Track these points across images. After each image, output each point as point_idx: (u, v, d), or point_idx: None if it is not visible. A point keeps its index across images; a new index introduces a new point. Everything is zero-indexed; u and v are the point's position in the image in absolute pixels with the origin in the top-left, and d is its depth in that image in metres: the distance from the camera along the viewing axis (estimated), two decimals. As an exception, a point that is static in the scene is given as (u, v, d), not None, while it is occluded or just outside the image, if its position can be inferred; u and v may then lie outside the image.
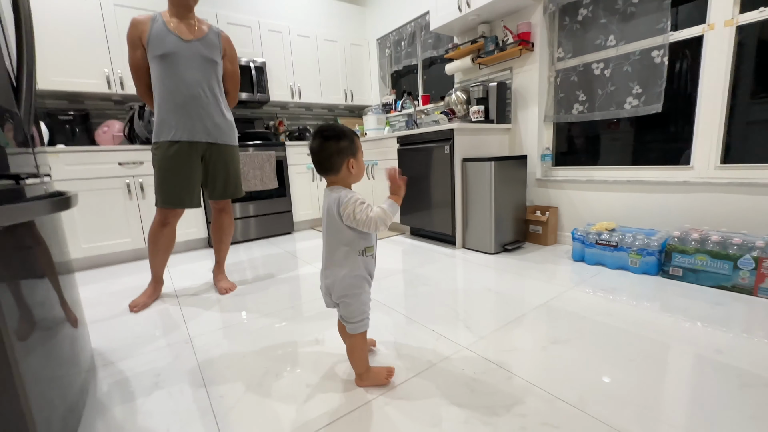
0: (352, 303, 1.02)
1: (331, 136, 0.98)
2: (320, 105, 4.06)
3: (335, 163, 0.99)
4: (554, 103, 2.55)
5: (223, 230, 1.97)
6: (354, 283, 1.01)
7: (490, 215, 2.32)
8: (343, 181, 1.03)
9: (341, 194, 0.98)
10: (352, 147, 1.00)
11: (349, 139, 1.00)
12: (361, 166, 1.03)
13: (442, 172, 2.52)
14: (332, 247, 1.02)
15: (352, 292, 1.02)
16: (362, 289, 1.03)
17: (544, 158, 2.59)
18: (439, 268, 2.14)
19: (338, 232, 1.01)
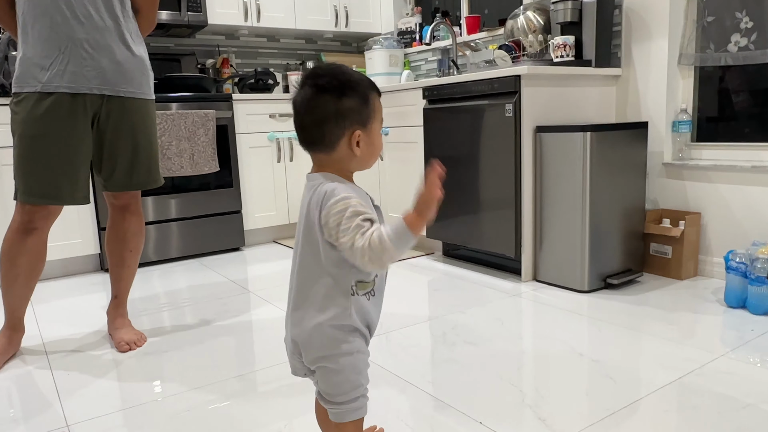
0: (336, 370, 1.01)
1: (330, 85, 0.96)
2: (292, 32, 4.10)
3: (329, 132, 0.97)
4: (697, 33, 2.53)
5: (126, 242, 1.98)
6: (337, 336, 0.99)
7: (582, 226, 2.31)
8: (339, 164, 1.01)
9: (328, 188, 0.97)
10: (365, 109, 0.98)
11: (360, 94, 0.97)
12: (375, 143, 1.02)
13: (498, 151, 2.52)
14: (306, 275, 1.02)
15: (334, 352, 1.00)
16: (352, 347, 1.01)
17: (679, 128, 2.57)
18: (491, 315, 2.14)
19: (316, 251, 1.00)
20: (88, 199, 1.83)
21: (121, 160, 1.84)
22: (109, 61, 1.75)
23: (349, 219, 0.92)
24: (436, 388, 1.58)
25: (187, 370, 1.77)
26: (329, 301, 1.00)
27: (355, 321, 1.01)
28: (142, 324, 2.20)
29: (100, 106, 1.77)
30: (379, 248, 0.90)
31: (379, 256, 0.90)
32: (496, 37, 3.38)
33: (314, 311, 1.01)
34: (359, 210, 0.93)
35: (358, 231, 0.92)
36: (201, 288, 2.69)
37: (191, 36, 3.81)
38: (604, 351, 1.77)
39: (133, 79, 1.82)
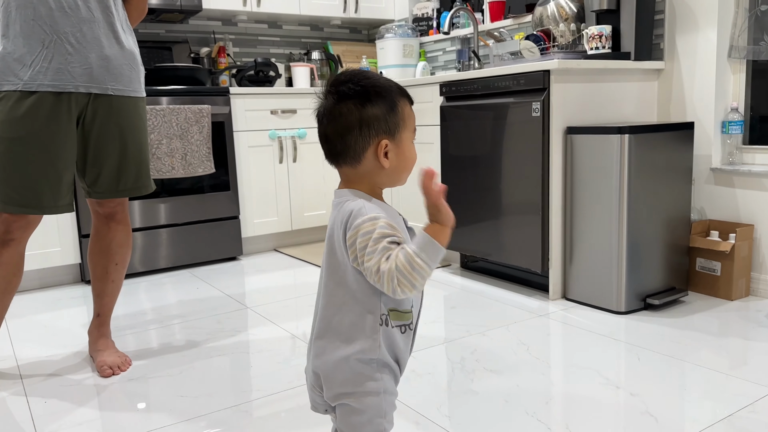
0: (358, 410, 1.01)
1: (352, 92, 0.97)
2: (296, 18, 4.10)
3: (353, 143, 0.97)
4: (750, 23, 2.49)
5: (111, 255, 1.98)
6: (364, 372, 0.99)
7: (619, 239, 2.28)
8: (368, 179, 1.02)
9: (355, 206, 0.96)
10: (392, 117, 0.99)
11: (385, 100, 0.98)
12: (406, 154, 1.04)
13: (524, 154, 2.50)
14: (330, 300, 1.02)
15: (358, 390, 1.00)
16: (379, 386, 1.01)
17: (729, 129, 2.54)
18: (516, 339, 2.12)
19: (342, 275, 0.99)
20: (72, 207, 1.83)
21: (108, 164, 1.84)
22: (97, 56, 1.75)
23: (376, 241, 0.92)
24: (454, 424, 1.56)
25: (176, 398, 1.76)
26: (356, 332, 0.99)
27: (385, 355, 1.00)
28: (127, 344, 2.20)
29: (86, 105, 1.77)
30: (408, 268, 0.89)
31: (410, 277, 0.89)
32: (523, 26, 3.35)
33: (338, 342, 1.00)
34: (387, 232, 0.92)
35: (383, 254, 0.91)
36: (193, 303, 2.69)
37: (184, 22, 3.82)
38: (643, 383, 1.75)
39: (122, 75, 1.82)
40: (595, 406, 1.63)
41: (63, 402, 1.76)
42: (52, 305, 2.75)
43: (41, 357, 2.12)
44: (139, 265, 3.18)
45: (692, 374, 1.80)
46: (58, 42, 1.69)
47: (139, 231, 3.17)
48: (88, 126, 1.80)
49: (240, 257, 3.56)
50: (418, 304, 1.06)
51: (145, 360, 2.05)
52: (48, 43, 1.68)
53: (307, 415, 1.60)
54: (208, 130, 3.19)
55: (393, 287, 0.90)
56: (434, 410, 1.63)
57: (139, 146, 1.90)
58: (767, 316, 2.24)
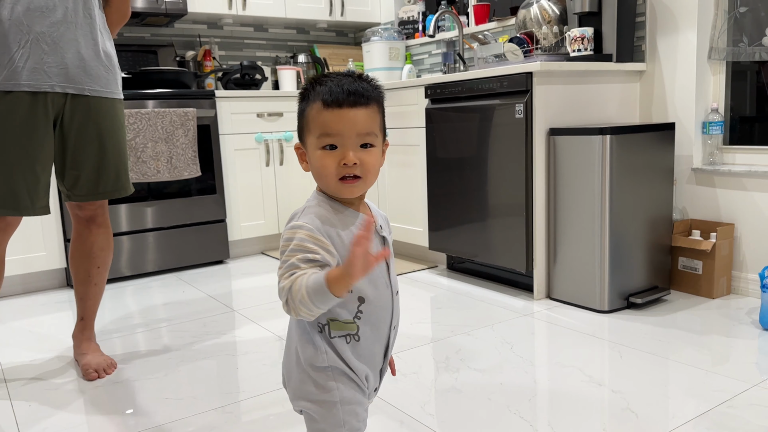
0: (314, 418, 0.99)
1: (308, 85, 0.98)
2: (282, 21, 4.11)
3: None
4: (729, 25, 2.53)
5: (93, 258, 1.98)
6: (317, 380, 0.97)
7: (602, 239, 2.31)
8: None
9: (299, 209, 0.97)
10: (301, 119, 0.98)
11: (300, 104, 0.98)
12: (312, 162, 0.95)
13: (508, 155, 2.52)
14: None
15: (316, 398, 0.98)
16: (334, 395, 0.98)
17: (709, 130, 2.57)
18: (500, 338, 2.13)
19: None
20: (48, 209, 1.82)
21: (87, 166, 1.84)
22: (74, 57, 1.75)
23: (291, 252, 0.89)
24: (437, 421, 1.57)
25: (162, 400, 1.76)
26: (303, 338, 0.98)
27: (337, 363, 0.97)
28: (114, 347, 2.20)
29: (63, 105, 1.77)
30: (296, 295, 0.86)
31: (295, 305, 0.87)
32: (507, 28, 3.39)
33: (292, 347, 1.01)
34: (305, 245, 0.89)
35: (288, 270, 0.88)
36: (179, 306, 2.69)
37: (169, 25, 3.82)
38: (625, 380, 1.77)
39: (99, 76, 1.82)
40: (577, 403, 1.65)
41: (47, 405, 1.76)
42: (36, 310, 2.73)
43: (25, 361, 2.11)
44: (125, 269, 3.18)
45: (673, 371, 1.82)
46: (35, 42, 1.69)
47: (126, 235, 3.16)
48: (66, 127, 1.79)
49: (227, 261, 3.56)
50: (384, 315, 1.01)
51: (130, 363, 2.05)
52: (24, 43, 1.68)
53: (295, 417, 1.61)
54: (194, 134, 3.19)
55: (283, 304, 0.89)
56: (418, 409, 1.64)
57: (118, 148, 1.90)
58: (748, 314, 2.27)
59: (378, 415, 1.61)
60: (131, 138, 3.00)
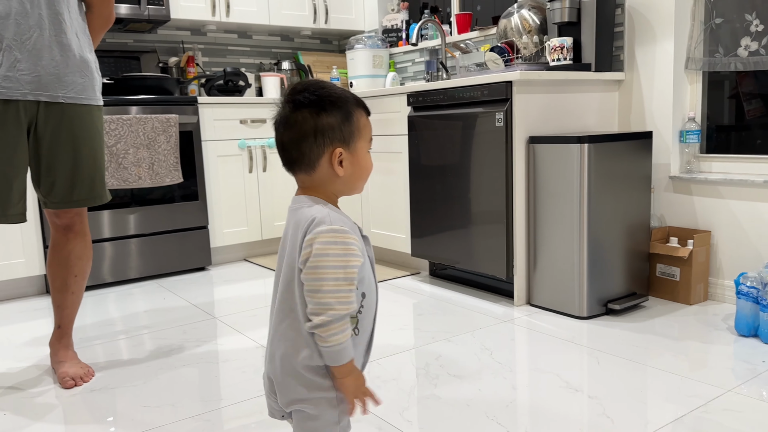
0: (312, 415, 1.01)
1: (307, 100, 0.99)
2: (266, 28, 4.12)
3: (308, 150, 0.99)
4: (705, 35, 2.57)
5: (70, 267, 1.96)
6: (314, 379, 1.00)
7: (580, 246, 2.33)
8: (324, 187, 1.04)
9: (318, 214, 0.98)
10: (347, 126, 1.01)
11: (340, 109, 1.00)
12: (361, 163, 1.05)
13: (489, 163, 2.54)
14: (282, 306, 1.02)
15: (314, 396, 1.00)
16: (332, 393, 1.02)
17: (686, 138, 2.61)
18: (480, 344, 2.15)
19: (291, 281, 1.00)
20: (23, 218, 1.81)
21: (61, 173, 1.83)
22: (47, 64, 1.74)
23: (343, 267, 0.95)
24: (416, 428, 1.58)
25: (141, 408, 1.75)
26: (300, 339, 1.00)
27: None
28: (94, 354, 2.19)
29: (36, 113, 1.76)
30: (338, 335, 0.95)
31: (329, 334, 0.95)
32: (489, 38, 3.42)
33: (287, 348, 1.01)
34: (351, 249, 0.97)
35: (348, 289, 0.95)
36: (160, 313, 2.68)
37: (152, 31, 3.81)
38: (602, 386, 1.79)
39: (74, 83, 1.81)
40: (554, 409, 1.66)
41: (22, 415, 1.74)
42: (14, 317, 2.71)
43: (1, 369, 2.09)
44: (107, 275, 3.15)
45: (650, 377, 1.84)
46: (6, 50, 1.67)
47: (108, 241, 3.14)
48: (40, 134, 1.78)
49: (209, 267, 3.55)
50: (372, 310, 1.07)
51: (109, 371, 2.04)
52: (4, 49, 1.67)
53: (276, 425, 1.61)
54: (176, 140, 3.18)
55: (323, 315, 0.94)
56: (397, 415, 1.65)
57: (93, 155, 1.89)
58: (724, 320, 2.30)
59: (357, 422, 1.61)
60: (113, 144, 2.99)
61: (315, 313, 0.95)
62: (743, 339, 2.11)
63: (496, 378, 1.87)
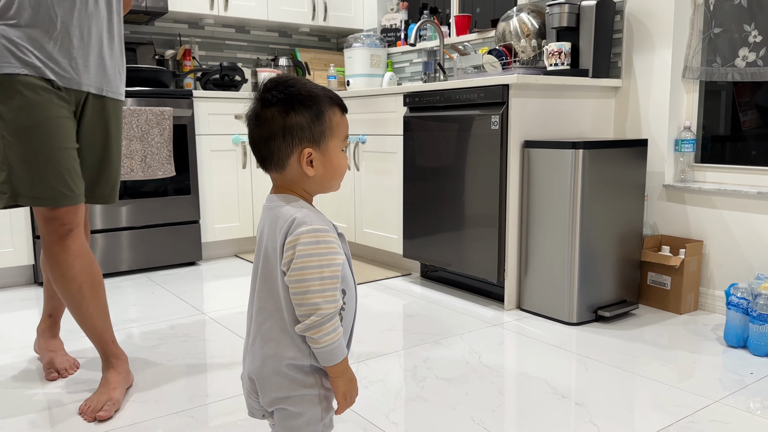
0: (295, 413, 1.01)
1: (276, 99, 0.97)
2: (264, 24, 4.10)
3: (276, 149, 0.98)
4: (703, 45, 2.58)
5: None
6: (297, 378, 1.00)
7: (572, 252, 2.33)
8: (296, 185, 1.03)
9: (299, 215, 0.97)
10: (317, 125, 0.99)
11: (311, 109, 0.98)
12: (334, 163, 1.03)
13: (483, 166, 2.53)
14: (263, 306, 1.02)
15: (297, 394, 1.01)
16: (316, 389, 1.02)
17: (681, 147, 2.61)
18: (469, 348, 2.14)
19: (273, 282, 1.00)
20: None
21: (87, 168, 1.77)
22: (96, 56, 1.69)
23: (327, 275, 0.95)
24: (401, 430, 1.57)
25: (126, 403, 1.74)
26: (286, 339, 1.00)
27: (317, 361, 1.01)
28: (75, 347, 2.17)
29: (83, 103, 1.70)
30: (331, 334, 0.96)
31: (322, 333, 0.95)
32: (487, 40, 3.41)
33: (270, 348, 1.01)
34: (333, 248, 0.97)
35: (333, 290, 0.96)
36: (148, 307, 2.66)
37: (149, 23, 3.79)
38: (589, 393, 1.78)
39: (114, 77, 1.76)
40: (540, 414, 1.66)
41: (6, 407, 1.73)
42: (2, 307, 2.68)
43: (-14, 359, 2.08)
44: (94, 267, 3.13)
45: (638, 385, 1.84)
46: (65, 35, 1.61)
47: (99, 233, 3.12)
48: (81, 128, 1.73)
49: (199, 262, 3.53)
50: (353, 307, 1.07)
51: (95, 363, 2.02)
52: (55, 35, 1.60)
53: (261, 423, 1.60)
54: (170, 133, 3.16)
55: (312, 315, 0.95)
56: (382, 417, 1.64)
57: (119, 154, 1.86)
58: (713, 330, 2.30)
59: (341, 423, 1.60)
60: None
61: (305, 314, 0.95)
62: (732, 350, 2.11)
63: (483, 382, 1.86)
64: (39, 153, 1.60)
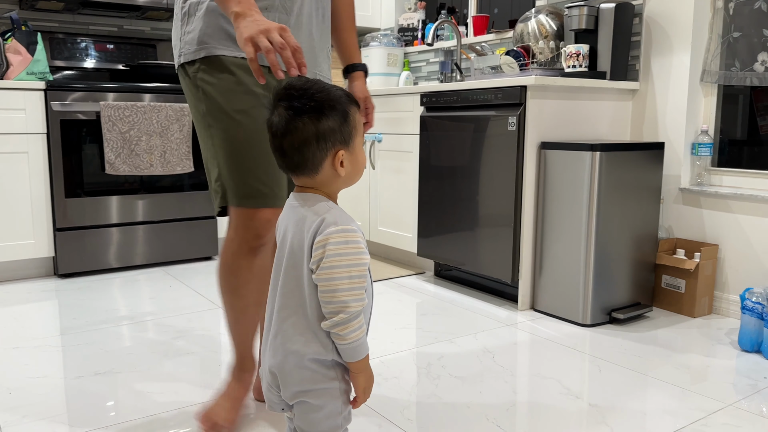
0: (317, 406, 1.03)
1: (307, 107, 0.98)
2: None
3: (311, 156, 0.99)
4: (722, 49, 2.57)
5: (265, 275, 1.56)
6: (319, 371, 1.01)
7: (587, 253, 2.33)
8: (325, 186, 1.05)
9: (326, 215, 0.99)
10: (346, 127, 1.01)
11: (339, 112, 1.00)
12: (359, 159, 1.05)
13: (499, 167, 2.54)
14: (287, 301, 1.03)
15: (316, 387, 1.02)
16: (337, 383, 1.04)
17: (699, 151, 2.61)
18: (482, 347, 2.15)
19: (299, 278, 1.01)
20: None
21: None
22: (307, 36, 1.53)
23: (356, 278, 0.98)
24: (415, 427, 1.59)
25: (143, 394, 1.77)
26: (310, 335, 1.01)
27: (339, 357, 1.03)
28: (99, 339, 2.20)
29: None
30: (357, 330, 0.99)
31: (348, 330, 0.98)
32: (505, 41, 3.42)
33: (294, 343, 1.02)
34: (361, 248, 0.99)
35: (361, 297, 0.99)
36: (165, 301, 2.69)
37: (170, 20, 3.83)
38: (603, 394, 1.79)
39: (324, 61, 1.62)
40: (554, 415, 1.67)
41: (28, 395, 1.76)
42: (23, 298, 2.73)
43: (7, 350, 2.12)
44: (114, 260, 3.18)
45: (651, 388, 1.84)
46: (281, 10, 1.45)
47: (116, 227, 3.16)
48: None
49: (215, 257, 3.57)
50: (370, 305, 1.08)
51: (113, 356, 2.06)
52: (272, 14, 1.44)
53: (276, 414, 1.62)
54: (189, 129, 3.20)
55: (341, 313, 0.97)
56: (398, 413, 1.66)
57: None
58: (727, 335, 2.30)
59: (357, 418, 1.62)
60: (126, 130, 3.01)
61: (333, 312, 0.97)
62: (746, 354, 2.11)
63: (497, 381, 1.87)
64: (247, 144, 1.43)
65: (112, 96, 3.06)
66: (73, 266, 3.07)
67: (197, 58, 1.44)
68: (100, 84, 3.05)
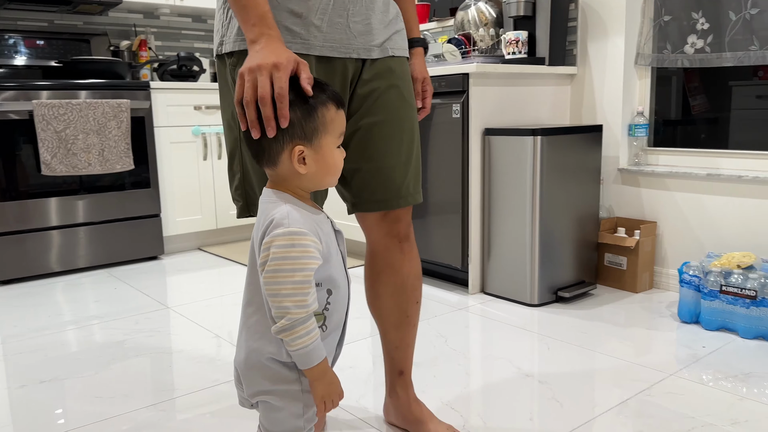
0: (276, 407, 1.01)
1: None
2: (222, 14, 4.04)
3: (267, 147, 0.98)
4: (654, 32, 2.66)
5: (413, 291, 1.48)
6: (279, 372, 1.00)
7: (532, 236, 2.39)
8: (289, 182, 1.01)
9: (279, 214, 0.96)
10: (309, 122, 0.97)
11: (302, 106, 0.97)
12: (327, 160, 1.00)
13: (446, 154, 2.57)
14: (251, 299, 1.02)
15: (279, 388, 1.01)
16: (294, 386, 1.02)
17: (635, 132, 2.69)
18: (435, 332, 2.19)
19: (258, 276, 1.00)
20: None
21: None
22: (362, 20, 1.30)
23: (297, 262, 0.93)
24: (370, 415, 1.60)
25: (92, 399, 1.73)
26: (268, 333, 0.99)
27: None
28: (43, 345, 2.14)
29: (359, 73, 1.32)
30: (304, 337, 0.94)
31: (295, 336, 0.93)
32: (447, 29, 3.44)
33: (254, 341, 1.01)
34: (309, 251, 0.94)
35: (302, 288, 0.93)
36: (111, 303, 2.63)
37: (103, 14, 3.71)
38: (552, 371, 1.85)
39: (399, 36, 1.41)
40: (506, 394, 1.71)
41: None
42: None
43: None
44: (55, 264, 3.07)
45: (597, 362, 1.91)
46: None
47: (56, 229, 3.06)
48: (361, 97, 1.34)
49: (161, 256, 3.50)
50: (343, 306, 1.07)
51: (60, 362, 2.00)
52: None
53: (232, 413, 1.61)
54: (127, 126, 3.11)
55: (282, 320, 0.93)
56: (353, 402, 1.67)
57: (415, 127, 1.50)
58: (667, 308, 2.40)
59: (313, 410, 1.62)
60: (62, 129, 2.91)
61: (277, 316, 0.94)
62: (685, 325, 2.21)
63: (450, 364, 1.91)
64: None
65: (45, 94, 2.95)
66: (12, 272, 2.96)
67: (237, 50, 1.24)
68: (32, 82, 2.93)
